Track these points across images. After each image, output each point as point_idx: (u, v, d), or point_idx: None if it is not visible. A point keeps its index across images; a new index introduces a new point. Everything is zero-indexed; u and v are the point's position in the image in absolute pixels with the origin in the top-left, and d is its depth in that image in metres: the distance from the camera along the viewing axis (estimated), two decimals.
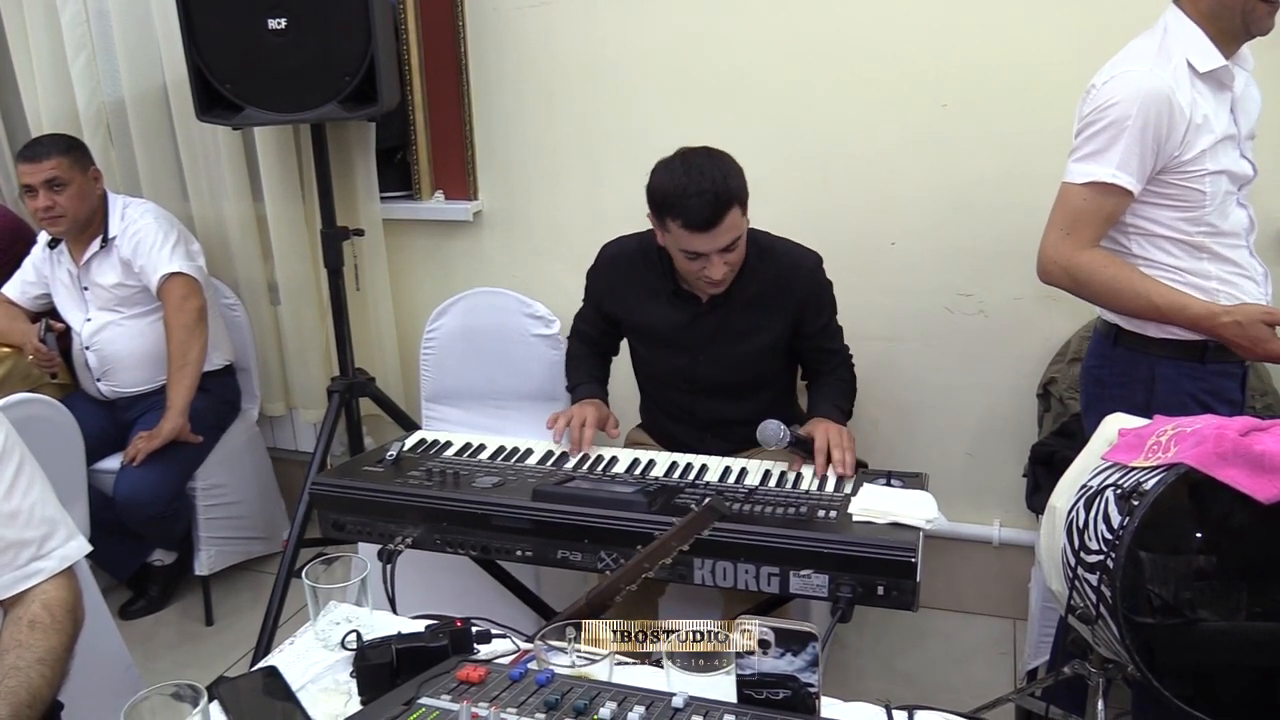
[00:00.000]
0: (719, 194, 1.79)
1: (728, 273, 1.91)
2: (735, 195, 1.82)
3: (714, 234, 1.82)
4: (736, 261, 1.93)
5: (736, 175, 1.86)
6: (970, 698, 2.14)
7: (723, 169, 1.83)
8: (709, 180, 1.79)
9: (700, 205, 1.79)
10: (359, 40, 2.33)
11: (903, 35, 2.37)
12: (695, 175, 1.80)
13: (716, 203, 1.79)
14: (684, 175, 1.81)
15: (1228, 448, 1.15)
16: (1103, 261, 1.74)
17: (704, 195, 1.78)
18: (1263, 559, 1.20)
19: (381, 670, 1.21)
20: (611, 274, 2.14)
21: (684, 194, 1.80)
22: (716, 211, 1.79)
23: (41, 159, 2.56)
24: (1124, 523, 1.19)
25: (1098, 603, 1.23)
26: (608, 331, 2.23)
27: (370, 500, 1.83)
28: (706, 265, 1.87)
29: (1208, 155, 1.68)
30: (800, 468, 1.88)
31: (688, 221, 1.81)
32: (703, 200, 1.79)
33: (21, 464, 1.40)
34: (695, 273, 1.91)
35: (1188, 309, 1.71)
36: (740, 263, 1.95)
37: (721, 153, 1.89)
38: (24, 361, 2.77)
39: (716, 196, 1.79)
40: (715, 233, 1.82)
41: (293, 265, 2.95)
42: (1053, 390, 2.37)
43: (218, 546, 2.87)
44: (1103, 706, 1.44)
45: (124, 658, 1.90)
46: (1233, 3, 1.65)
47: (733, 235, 1.84)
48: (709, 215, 1.80)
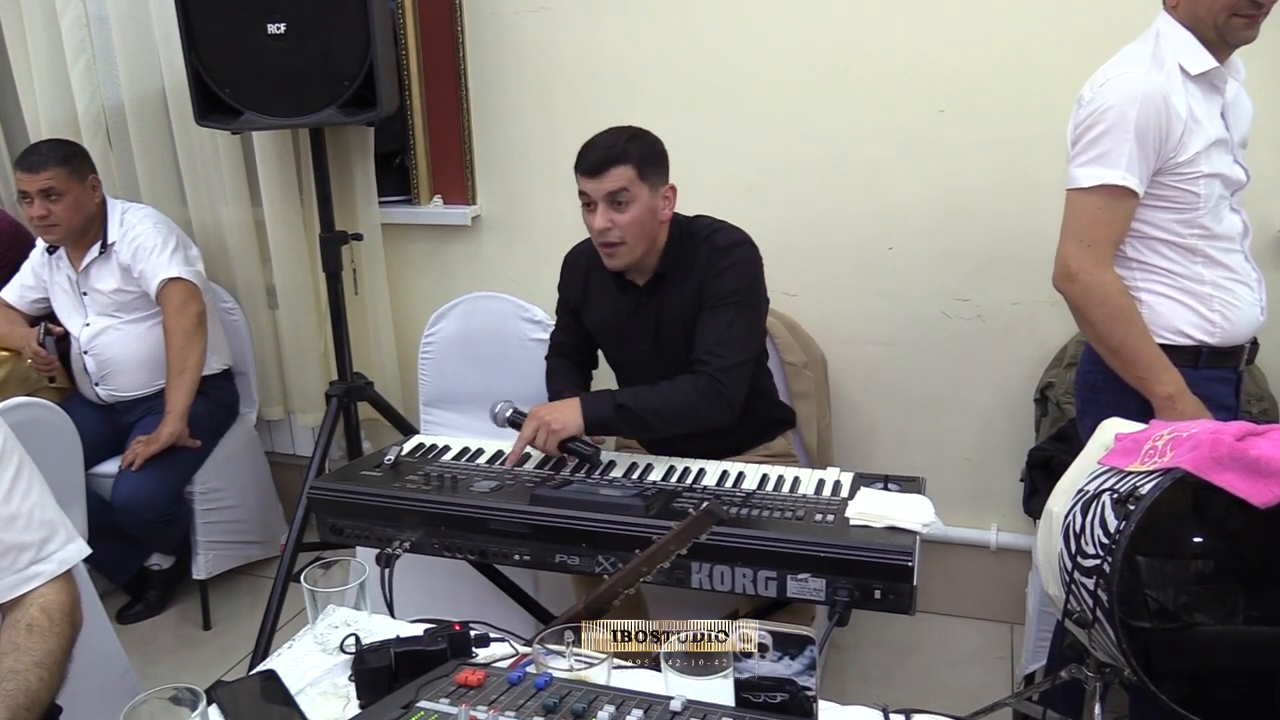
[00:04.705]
0: (610, 148, 1.96)
1: (611, 230, 1.98)
2: (629, 155, 1.95)
3: (599, 180, 1.96)
4: (626, 223, 1.98)
5: (642, 146, 1.99)
6: (967, 702, 2.14)
7: (630, 135, 1.99)
8: (611, 138, 1.98)
9: (592, 152, 1.97)
10: (358, 45, 2.34)
11: (900, 41, 2.38)
12: (603, 135, 2.00)
13: (606, 154, 1.96)
14: (596, 135, 2.01)
15: (1223, 452, 1.16)
16: (1121, 289, 1.75)
17: (599, 145, 1.98)
18: (1259, 563, 1.21)
19: (380, 674, 1.21)
20: (572, 275, 2.23)
21: (587, 146, 1.99)
22: (602, 162, 1.95)
23: (38, 170, 2.55)
24: (1120, 527, 1.19)
25: (1094, 607, 1.23)
26: (583, 338, 2.25)
27: (368, 504, 1.83)
28: (593, 216, 1.99)
29: (1202, 157, 1.69)
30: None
31: (579, 165, 1.99)
32: (596, 149, 1.97)
33: (20, 467, 1.40)
34: (588, 226, 2.03)
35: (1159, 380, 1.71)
36: (636, 235, 1.99)
37: (649, 133, 2.03)
38: (23, 365, 2.77)
39: (608, 150, 1.96)
40: (600, 179, 1.96)
41: (291, 270, 2.95)
42: (1050, 395, 2.38)
43: (216, 550, 2.87)
44: (1100, 711, 1.44)
45: (122, 662, 1.90)
46: (1206, 16, 1.67)
47: (618, 184, 1.95)
48: (595, 161, 1.96)
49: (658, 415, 1.94)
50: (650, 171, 1.97)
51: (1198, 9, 1.68)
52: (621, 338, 2.15)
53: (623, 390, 2.03)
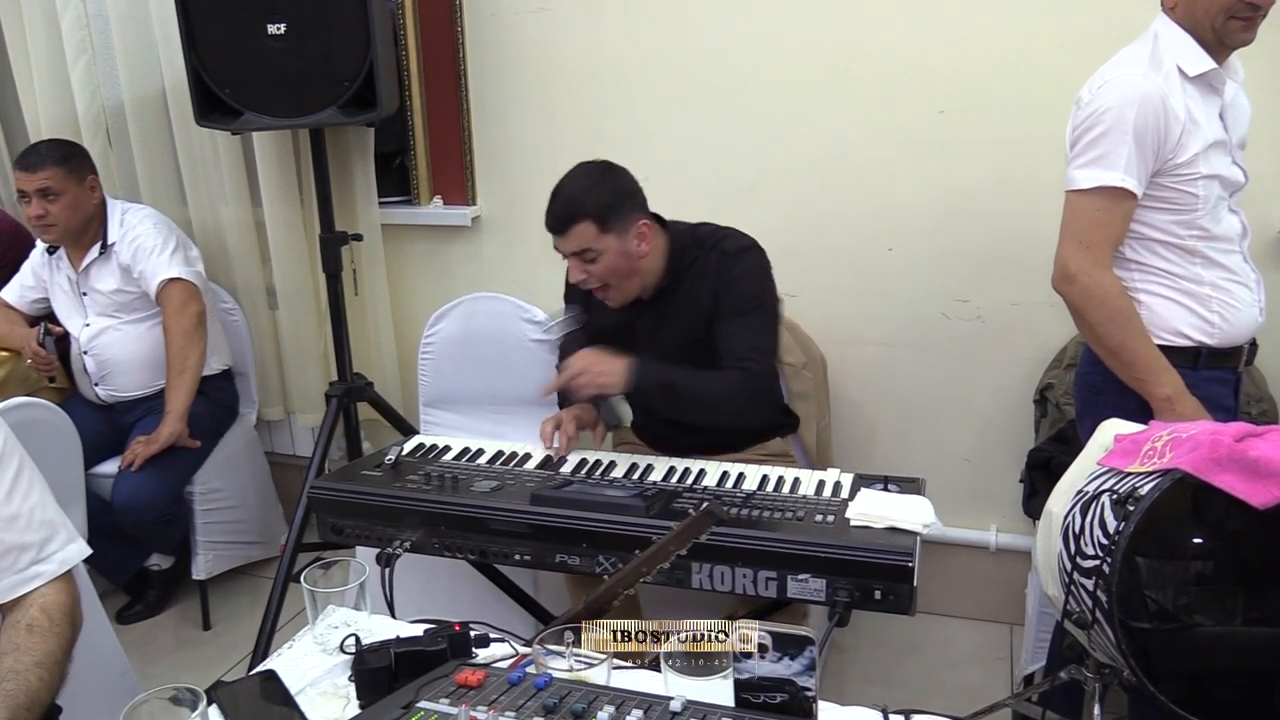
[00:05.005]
0: (566, 205, 1.93)
1: (589, 280, 1.98)
2: (585, 210, 1.91)
3: (563, 239, 1.95)
4: (602, 274, 1.97)
5: (603, 194, 1.94)
6: (967, 703, 2.14)
7: (589, 183, 1.95)
8: (567, 191, 1.95)
9: (552, 209, 1.95)
10: (358, 45, 2.34)
11: (900, 42, 2.38)
12: (564, 183, 1.96)
13: (563, 213, 1.93)
14: (561, 181, 1.97)
15: (1223, 453, 1.16)
16: (1120, 291, 1.75)
17: (559, 200, 1.95)
18: (1258, 564, 1.21)
19: (380, 674, 1.21)
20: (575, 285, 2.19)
21: (551, 197, 1.96)
22: (561, 221, 1.94)
23: (36, 169, 2.56)
24: (1120, 528, 1.20)
25: (1094, 608, 1.23)
26: None
27: (369, 504, 1.83)
28: (570, 267, 1.99)
29: (1200, 159, 1.69)
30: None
31: (546, 222, 1.97)
32: (555, 205, 1.95)
33: (21, 468, 1.40)
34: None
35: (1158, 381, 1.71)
36: (620, 278, 1.99)
37: (607, 167, 1.99)
38: (22, 365, 2.77)
39: (564, 207, 1.93)
40: (563, 239, 1.95)
41: (291, 270, 2.95)
42: (1049, 396, 2.38)
43: (215, 551, 2.87)
44: (1099, 712, 1.45)
45: (121, 662, 1.90)
46: (1204, 18, 1.68)
47: (580, 245, 1.94)
48: (553, 222, 1.95)
49: (699, 404, 1.96)
50: (613, 220, 1.93)
51: (1196, 11, 1.68)
52: (621, 345, 2.12)
53: (672, 368, 1.97)
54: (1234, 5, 1.64)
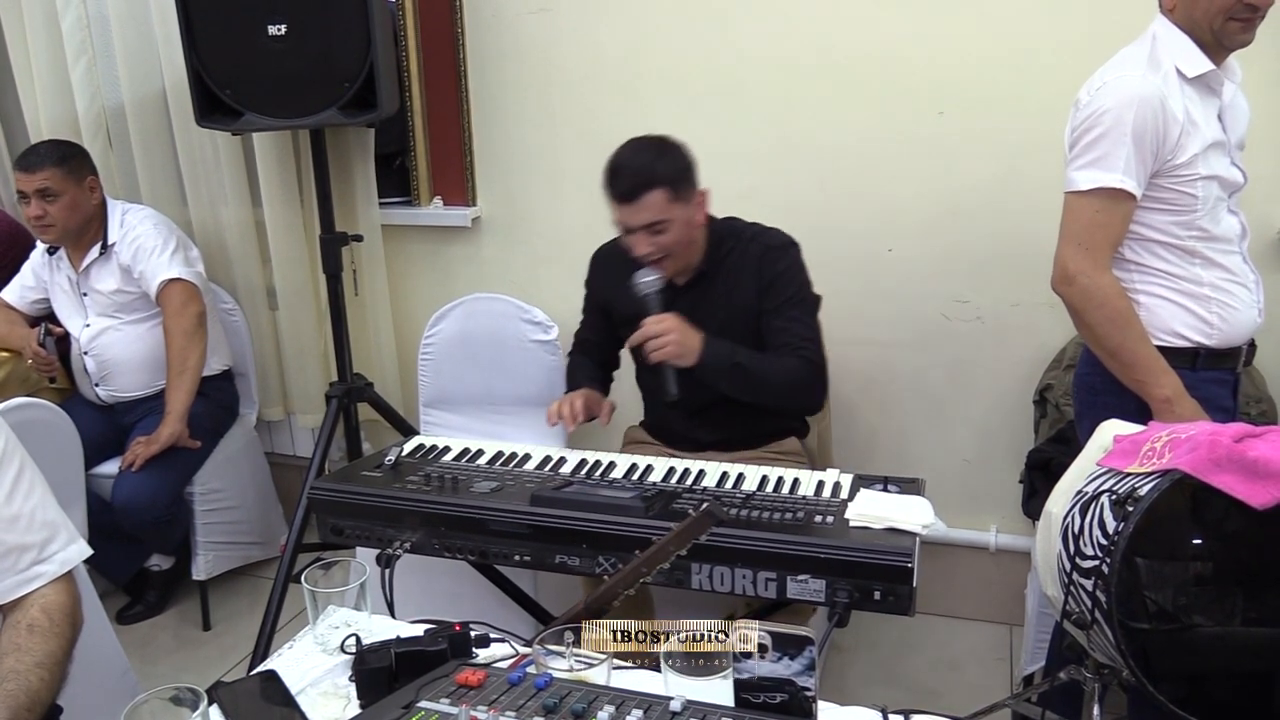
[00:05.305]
0: (640, 172, 1.94)
1: (655, 253, 1.99)
2: (659, 178, 1.94)
3: (632, 209, 1.95)
4: (668, 245, 1.99)
5: (671, 162, 1.97)
6: (966, 703, 2.15)
7: (658, 153, 1.97)
8: (640, 159, 1.95)
9: (623, 179, 1.95)
10: (358, 46, 2.34)
11: (899, 43, 2.38)
12: (629, 154, 1.97)
13: (636, 179, 1.93)
14: (624, 151, 1.98)
15: (1221, 454, 1.16)
16: (1119, 292, 1.75)
17: (628, 170, 1.95)
18: (1257, 564, 1.21)
19: (380, 674, 1.22)
20: (601, 270, 2.25)
21: (614, 169, 1.97)
22: (635, 187, 1.93)
23: (35, 170, 2.56)
24: (1119, 528, 1.20)
25: (1093, 608, 1.24)
26: (609, 337, 2.25)
27: (369, 505, 1.83)
28: (635, 241, 1.99)
29: (1199, 160, 1.69)
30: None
31: (613, 193, 1.97)
32: (626, 174, 1.95)
33: (22, 468, 1.40)
34: (629, 248, 2.02)
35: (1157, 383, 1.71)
36: (682, 249, 2.02)
37: (672, 142, 2.00)
38: (23, 366, 2.77)
39: (637, 173, 1.94)
40: (633, 208, 1.95)
41: (291, 270, 2.95)
42: (1049, 396, 2.38)
43: (215, 551, 2.87)
44: (1098, 712, 1.45)
45: (121, 662, 1.90)
46: (1203, 20, 1.68)
47: (652, 215, 1.95)
48: (628, 189, 1.94)
49: (764, 386, 2.01)
50: (683, 188, 1.97)
51: (1194, 12, 1.68)
52: None
53: (739, 349, 2.01)
54: (1233, 6, 1.64)
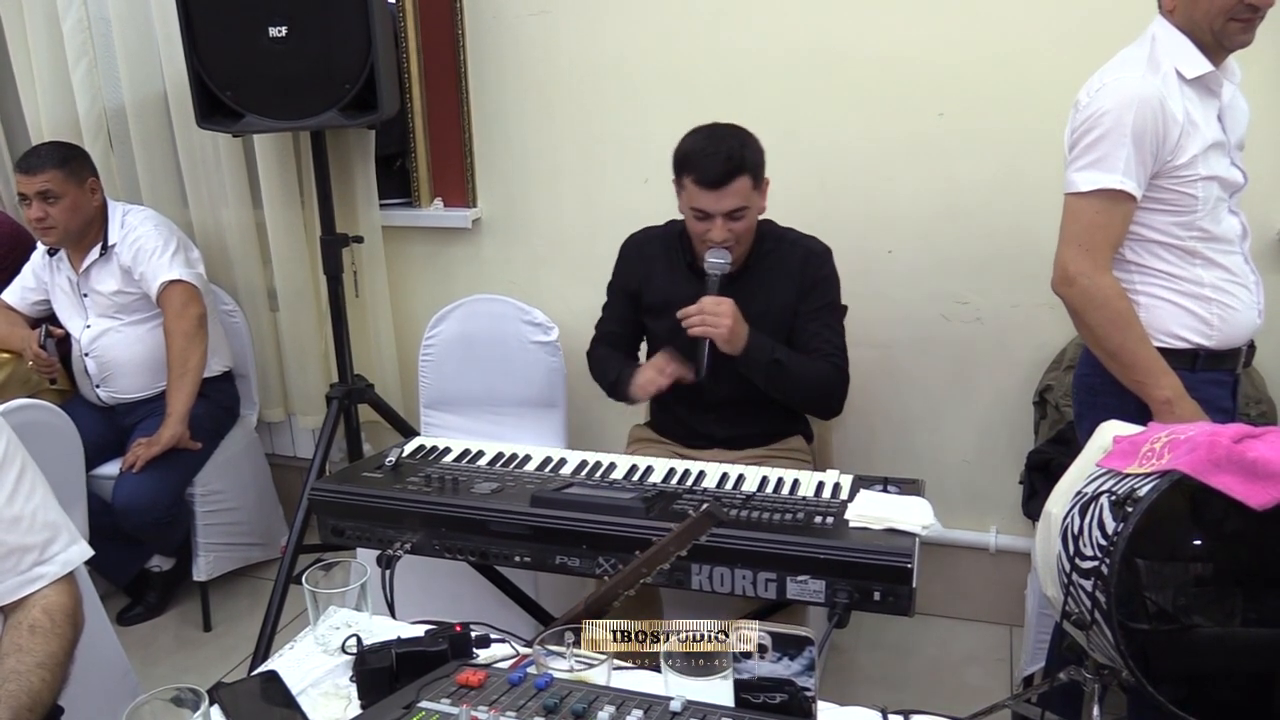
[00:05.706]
0: (731, 156, 1.95)
1: (730, 239, 2.01)
2: (748, 164, 1.97)
3: (720, 194, 1.96)
4: (741, 232, 2.02)
5: (754, 150, 2.00)
6: (966, 703, 2.14)
7: (742, 140, 1.99)
8: (726, 145, 1.97)
9: (713, 164, 1.95)
10: (359, 48, 2.34)
11: (899, 44, 2.38)
12: (715, 138, 1.99)
13: (728, 164, 1.95)
14: (705, 137, 2.00)
15: (1221, 454, 1.16)
16: (1119, 293, 1.75)
17: (718, 155, 1.95)
18: (1257, 565, 1.21)
19: (381, 674, 1.22)
20: (635, 255, 2.25)
21: (701, 152, 1.97)
22: (726, 172, 1.95)
23: (35, 172, 2.56)
24: (1119, 529, 1.20)
25: (1093, 609, 1.24)
26: (633, 327, 2.27)
27: (369, 506, 1.83)
28: (711, 227, 1.99)
29: (1199, 160, 1.70)
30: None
31: (699, 178, 1.97)
32: (715, 159, 1.95)
33: (23, 469, 1.41)
34: (700, 234, 2.02)
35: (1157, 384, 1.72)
36: (746, 237, 2.05)
37: (747, 130, 2.02)
38: (24, 367, 2.77)
39: (729, 158, 1.95)
40: (722, 193, 1.96)
41: (292, 272, 2.95)
42: (1049, 397, 2.38)
43: (216, 552, 2.87)
44: (1098, 712, 1.45)
45: (122, 663, 1.90)
46: (1203, 21, 1.68)
47: (738, 201, 1.97)
48: (718, 174, 1.95)
49: (797, 386, 2.05)
50: (760, 176, 2.01)
51: (1194, 13, 1.69)
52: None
53: (780, 346, 2.06)
54: (1233, 7, 1.65)
